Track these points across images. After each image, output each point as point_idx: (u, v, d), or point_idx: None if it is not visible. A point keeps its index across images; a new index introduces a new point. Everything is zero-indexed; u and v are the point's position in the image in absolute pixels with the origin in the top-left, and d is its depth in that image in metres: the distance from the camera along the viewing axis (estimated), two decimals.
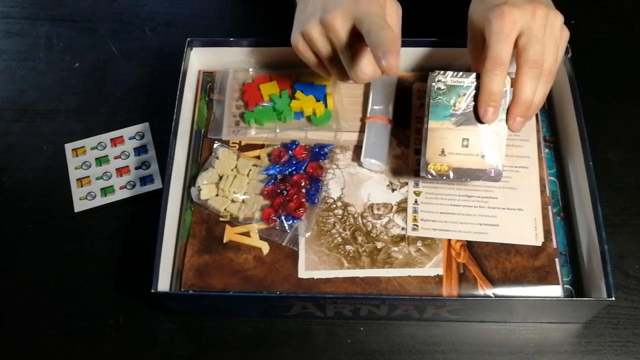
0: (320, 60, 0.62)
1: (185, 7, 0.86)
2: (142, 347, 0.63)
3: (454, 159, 0.60)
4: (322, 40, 0.59)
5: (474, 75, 0.60)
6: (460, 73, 0.60)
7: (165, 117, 0.67)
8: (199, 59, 0.73)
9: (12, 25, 0.85)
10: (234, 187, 0.66)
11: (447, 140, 0.60)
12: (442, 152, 0.60)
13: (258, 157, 0.68)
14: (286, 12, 0.64)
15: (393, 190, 0.66)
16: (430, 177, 0.61)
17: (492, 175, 0.60)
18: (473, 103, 0.60)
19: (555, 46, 0.59)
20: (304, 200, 0.65)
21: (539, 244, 0.63)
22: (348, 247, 0.63)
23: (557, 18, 0.60)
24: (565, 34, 0.61)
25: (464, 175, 0.60)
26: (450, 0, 0.80)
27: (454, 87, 0.60)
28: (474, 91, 0.60)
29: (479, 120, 0.60)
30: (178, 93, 0.67)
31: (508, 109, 0.59)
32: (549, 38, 0.58)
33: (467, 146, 0.60)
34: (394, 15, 0.60)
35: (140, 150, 0.73)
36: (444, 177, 0.60)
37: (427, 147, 0.61)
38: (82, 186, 0.71)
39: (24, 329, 0.64)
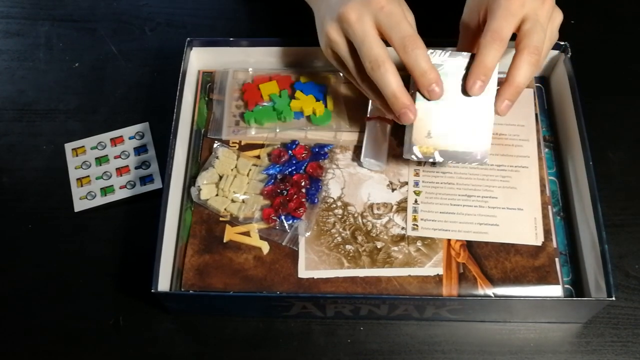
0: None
1: (185, 7, 0.86)
2: (142, 347, 0.63)
3: (440, 141, 0.59)
4: (343, 42, 0.58)
5: (464, 55, 0.58)
6: (449, 52, 0.58)
7: (165, 117, 0.67)
8: (199, 59, 0.73)
9: (12, 25, 0.85)
10: (234, 187, 0.66)
11: (433, 121, 0.59)
12: (429, 133, 0.59)
13: (258, 157, 0.68)
14: (286, 12, 0.64)
15: (393, 190, 0.66)
16: (415, 158, 0.59)
17: (478, 157, 0.59)
18: (461, 84, 0.58)
19: (550, 41, 0.59)
20: (304, 200, 0.65)
21: (539, 243, 0.63)
22: (348, 247, 0.63)
23: (559, 16, 0.59)
24: (557, 35, 0.61)
25: (450, 157, 0.59)
26: (449, 0, 0.79)
27: (442, 66, 0.58)
28: (464, 72, 0.58)
29: (466, 95, 0.58)
30: (178, 93, 0.67)
31: (498, 92, 0.57)
32: (548, 31, 0.58)
33: (453, 128, 0.59)
34: (409, 17, 0.58)
35: (140, 150, 0.73)
36: (430, 159, 0.59)
37: (414, 128, 0.59)
38: (82, 186, 0.71)
39: (23, 328, 0.64)
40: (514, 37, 0.58)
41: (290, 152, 0.68)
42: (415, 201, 0.65)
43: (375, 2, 0.56)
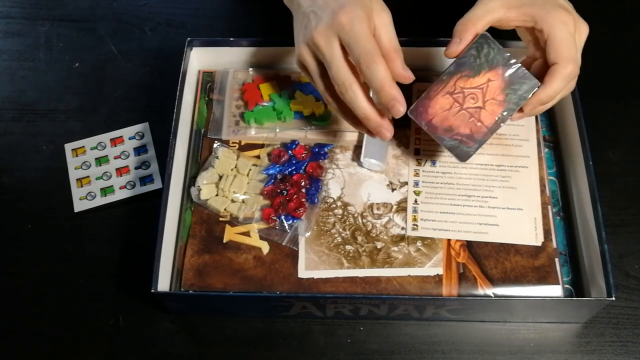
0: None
1: (185, 7, 0.86)
2: (142, 347, 0.63)
3: None
4: (313, 63, 0.58)
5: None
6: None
7: (165, 117, 0.67)
8: (199, 59, 0.73)
9: (12, 25, 0.85)
10: (234, 187, 0.66)
11: None
12: None
13: (258, 157, 0.68)
14: (286, 12, 0.64)
15: (393, 190, 0.66)
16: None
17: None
18: None
19: None
20: (303, 200, 0.65)
21: (539, 243, 0.63)
22: (348, 247, 0.63)
23: (586, 29, 0.63)
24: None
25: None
26: (449, 0, 0.79)
27: None
28: None
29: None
30: (178, 93, 0.67)
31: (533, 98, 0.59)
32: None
33: None
34: (384, 26, 0.56)
35: (140, 150, 0.73)
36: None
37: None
38: (82, 186, 0.71)
39: (23, 329, 0.64)
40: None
41: (290, 152, 0.68)
42: (415, 201, 0.65)
43: (338, 22, 0.55)
